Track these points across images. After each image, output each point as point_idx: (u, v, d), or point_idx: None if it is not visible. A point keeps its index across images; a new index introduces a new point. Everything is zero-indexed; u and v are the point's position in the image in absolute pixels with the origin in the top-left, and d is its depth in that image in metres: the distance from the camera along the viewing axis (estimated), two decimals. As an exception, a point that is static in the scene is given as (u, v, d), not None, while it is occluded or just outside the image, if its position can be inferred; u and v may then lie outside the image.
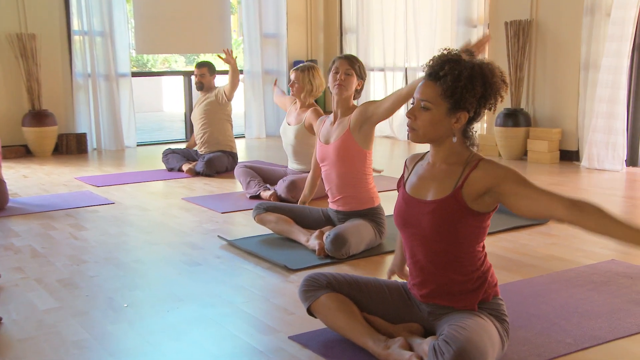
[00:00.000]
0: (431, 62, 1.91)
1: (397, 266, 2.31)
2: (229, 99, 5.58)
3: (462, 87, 1.82)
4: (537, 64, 6.34)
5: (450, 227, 1.88)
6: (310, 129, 4.33)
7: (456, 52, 1.92)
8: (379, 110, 3.07)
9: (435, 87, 1.86)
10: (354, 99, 3.30)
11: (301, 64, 4.36)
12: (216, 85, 5.72)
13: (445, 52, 1.92)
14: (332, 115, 3.33)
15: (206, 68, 5.60)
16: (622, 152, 5.57)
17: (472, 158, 1.90)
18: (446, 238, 1.90)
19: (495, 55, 6.78)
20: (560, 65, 6.13)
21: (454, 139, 1.89)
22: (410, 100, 1.97)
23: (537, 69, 6.33)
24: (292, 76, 4.30)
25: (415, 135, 1.90)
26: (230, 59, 5.43)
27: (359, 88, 3.27)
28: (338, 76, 3.20)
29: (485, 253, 1.99)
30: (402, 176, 2.08)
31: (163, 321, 2.37)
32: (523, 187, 1.80)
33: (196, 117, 5.71)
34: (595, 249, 3.27)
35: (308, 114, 4.31)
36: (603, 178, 5.36)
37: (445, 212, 1.87)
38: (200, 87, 5.60)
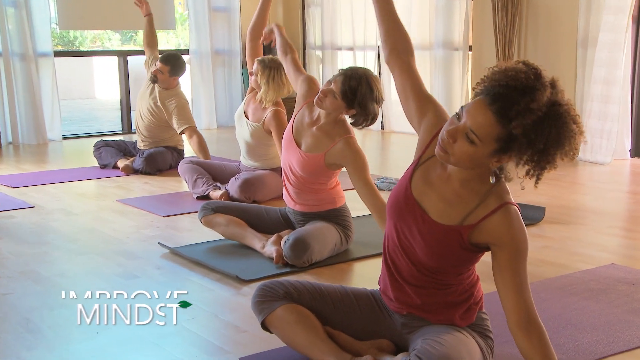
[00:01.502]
0: (498, 81, 1.71)
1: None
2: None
3: (534, 152, 1.71)
4: (528, 41, 6.45)
5: (445, 254, 1.90)
6: (269, 132, 4.32)
7: (536, 71, 1.71)
8: (350, 177, 3.08)
9: (494, 126, 1.70)
10: (355, 127, 3.17)
11: (269, 57, 4.29)
12: (180, 85, 5.58)
13: (522, 68, 1.72)
14: (315, 111, 3.19)
15: (168, 67, 5.42)
16: (615, 142, 5.65)
17: (491, 194, 1.84)
18: (436, 260, 1.92)
19: (480, 31, 6.87)
20: (555, 42, 6.24)
21: (492, 179, 1.84)
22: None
23: (528, 46, 6.44)
24: (254, 66, 4.27)
25: (446, 159, 1.80)
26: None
27: (347, 115, 3.12)
28: (322, 92, 3.05)
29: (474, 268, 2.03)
30: (419, 157, 1.97)
31: (91, 344, 2.35)
32: (509, 266, 1.82)
33: (142, 108, 5.59)
34: (593, 253, 3.35)
35: (269, 117, 4.28)
36: (601, 171, 5.47)
37: (444, 240, 1.87)
38: (155, 80, 5.50)
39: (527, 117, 1.67)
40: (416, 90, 2.04)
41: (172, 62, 5.46)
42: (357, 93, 3.02)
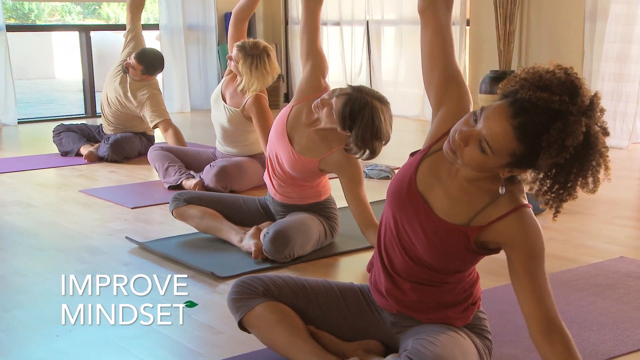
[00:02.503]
0: (529, 96, 1.66)
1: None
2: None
3: (555, 183, 1.73)
4: (531, 15, 6.47)
5: (447, 253, 1.91)
6: (249, 119, 4.34)
7: (574, 88, 1.68)
8: (343, 188, 3.12)
9: (512, 141, 1.68)
10: (351, 153, 3.09)
11: (250, 43, 4.25)
12: (155, 84, 5.57)
13: (560, 80, 1.68)
14: (313, 112, 3.11)
15: (142, 67, 5.38)
16: (632, 124, 5.70)
17: (501, 195, 1.83)
18: (437, 258, 1.93)
19: (478, 3, 6.89)
20: (560, 15, 6.27)
21: (501, 190, 1.82)
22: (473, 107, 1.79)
23: (531, 20, 6.46)
24: (234, 52, 4.27)
25: (454, 159, 1.78)
26: None
27: (341, 131, 3.00)
28: (321, 101, 3.01)
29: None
30: (429, 147, 1.95)
31: (51, 348, 2.34)
32: (526, 271, 1.82)
33: (110, 94, 5.55)
34: (601, 245, 3.39)
35: (249, 103, 4.28)
36: (615, 156, 5.51)
37: (448, 239, 1.88)
38: (126, 71, 5.47)
39: (560, 155, 1.66)
40: (445, 61, 1.97)
41: (147, 62, 5.42)
42: (356, 120, 2.91)
